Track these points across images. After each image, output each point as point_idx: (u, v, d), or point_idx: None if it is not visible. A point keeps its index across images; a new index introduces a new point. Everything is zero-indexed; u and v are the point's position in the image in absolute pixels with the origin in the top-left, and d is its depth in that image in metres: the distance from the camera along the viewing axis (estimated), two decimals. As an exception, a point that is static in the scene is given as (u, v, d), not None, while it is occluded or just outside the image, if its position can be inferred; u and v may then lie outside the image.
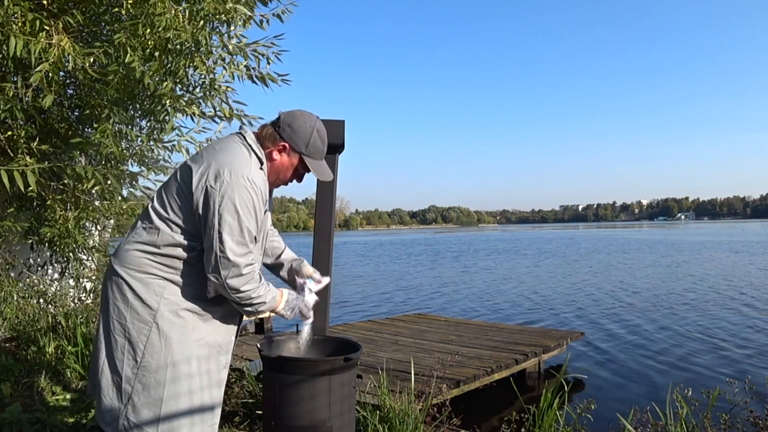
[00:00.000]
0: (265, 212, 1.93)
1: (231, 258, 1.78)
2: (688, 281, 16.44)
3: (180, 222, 1.84)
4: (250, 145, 1.90)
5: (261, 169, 1.90)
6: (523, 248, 39.28)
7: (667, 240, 47.00)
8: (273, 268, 2.28)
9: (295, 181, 2.05)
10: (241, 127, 2.05)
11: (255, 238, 1.88)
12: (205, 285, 1.88)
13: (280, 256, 2.28)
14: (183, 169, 1.90)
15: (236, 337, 2.06)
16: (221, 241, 1.77)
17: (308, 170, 2.01)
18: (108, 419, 1.85)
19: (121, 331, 1.84)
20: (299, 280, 2.18)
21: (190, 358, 1.85)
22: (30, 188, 3.81)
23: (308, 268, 2.25)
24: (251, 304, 1.89)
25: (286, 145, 1.93)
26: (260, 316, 2.02)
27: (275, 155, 1.94)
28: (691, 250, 31.16)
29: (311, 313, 2.15)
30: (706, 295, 13.57)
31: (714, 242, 40.34)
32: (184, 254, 1.85)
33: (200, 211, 1.80)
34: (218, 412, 1.97)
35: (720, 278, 16.97)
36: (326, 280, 2.27)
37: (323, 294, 2.42)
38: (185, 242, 1.84)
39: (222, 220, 1.77)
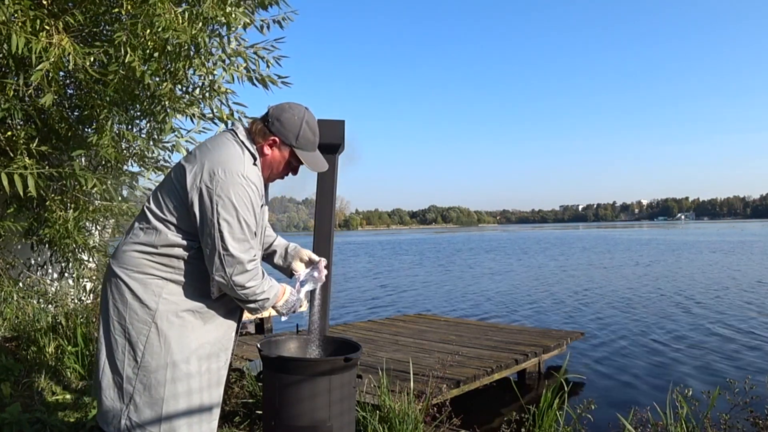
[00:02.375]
0: (261, 207, 1.93)
1: (235, 254, 1.78)
2: (684, 280, 16.45)
3: (176, 222, 1.84)
4: (242, 142, 1.89)
5: (255, 164, 1.89)
6: (521, 248, 39.49)
7: (658, 240, 47.34)
8: (265, 258, 2.27)
9: (290, 174, 2.04)
10: (232, 124, 2.04)
11: (255, 234, 1.87)
12: (204, 284, 1.88)
13: (272, 244, 2.27)
14: (177, 168, 1.89)
15: (236, 335, 2.06)
16: (222, 240, 1.77)
17: (301, 162, 1.99)
18: (109, 419, 1.85)
19: (121, 331, 1.84)
20: (297, 274, 2.19)
21: (190, 357, 1.86)
22: (29, 191, 3.81)
23: (304, 253, 2.24)
24: (256, 301, 1.89)
25: (276, 139, 1.92)
26: (262, 314, 2.02)
27: (266, 150, 1.93)
28: (685, 250, 31.30)
29: (303, 303, 2.16)
30: (704, 294, 13.57)
31: (711, 242, 40.57)
32: (182, 253, 1.85)
33: (197, 211, 1.79)
34: (218, 410, 1.97)
35: (716, 279, 16.98)
36: (324, 261, 2.25)
37: (323, 294, 2.41)
38: (183, 242, 1.84)
39: (221, 219, 1.76)
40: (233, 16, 4.22)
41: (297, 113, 1.94)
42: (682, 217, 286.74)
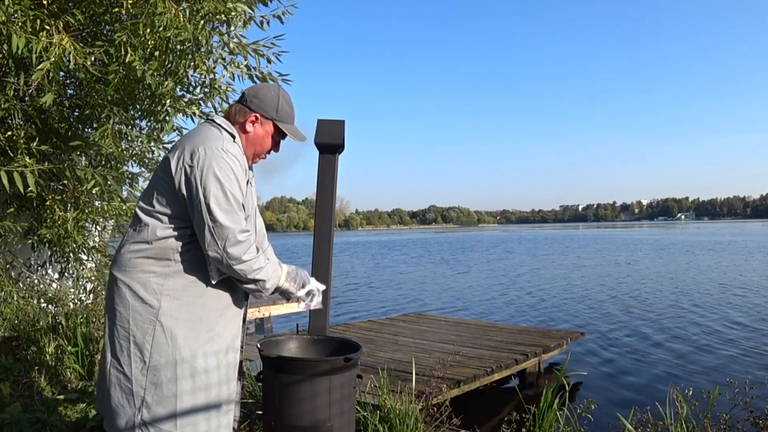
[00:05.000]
0: (247, 182, 1.95)
1: (224, 224, 1.79)
2: (683, 279, 16.47)
3: (166, 210, 1.85)
4: (219, 125, 1.96)
5: (234, 142, 1.94)
6: (511, 247, 39.96)
7: (650, 240, 47.83)
8: None
9: (273, 151, 2.10)
10: (209, 114, 2.09)
11: (243, 207, 1.89)
12: (204, 273, 1.88)
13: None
14: (162, 162, 1.95)
15: (244, 325, 2.06)
16: (210, 212, 1.78)
17: (284, 136, 2.06)
18: (122, 425, 1.84)
19: (126, 335, 1.84)
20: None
21: (198, 352, 1.86)
22: (29, 189, 3.81)
23: None
24: (255, 279, 1.88)
25: (257, 115, 1.99)
26: (265, 294, 2.00)
27: (248, 127, 1.99)
28: (672, 250, 31.63)
29: (312, 280, 2.16)
30: (703, 293, 13.58)
31: (697, 242, 41.05)
32: (176, 244, 1.85)
33: (184, 192, 1.82)
34: (232, 405, 1.97)
35: (714, 279, 16.99)
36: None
37: (323, 294, 2.41)
38: (175, 231, 1.85)
39: (207, 192, 1.79)
40: (233, 13, 4.22)
41: (272, 89, 2.04)
42: (682, 217, 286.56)
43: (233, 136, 1.94)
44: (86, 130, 4.77)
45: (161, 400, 1.81)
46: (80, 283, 5.23)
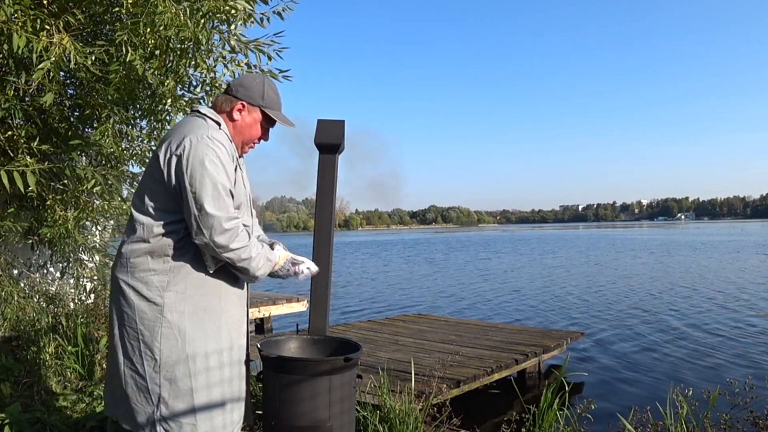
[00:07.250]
0: (236, 170, 1.94)
1: (209, 211, 1.79)
2: (682, 279, 16.47)
3: (160, 206, 1.86)
4: (204, 114, 1.96)
5: (220, 129, 1.94)
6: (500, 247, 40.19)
7: (642, 240, 48.20)
8: None
9: (262, 140, 2.11)
10: (194, 105, 2.10)
11: (231, 193, 1.88)
12: (203, 266, 1.89)
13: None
14: (151, 158, 1.97)
15: (247, 319, 2.07)
16: (196, 200, 1.79)
17: (272, 123, 2.08)
18: (143, 421, 1.86)
19: (134, 335, 1.86)
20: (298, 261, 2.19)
21: (209, 346, 1.87)
22: (30, 189, 3.81)
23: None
24: (245, 268, 1.89)
25: (244, 102, 2.01)
26: (256, 281, 2.02)
27: (236, 115, 2.01)
28: (682, 250, 31.68)
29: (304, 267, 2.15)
30: (702, 294, 13.57)
31: (708, 242, 41.10)
32: (173, 238, 1.86)
33: (173, 182, 1.83)
34: (242, 402, 1.99)
35: (717, 278, 16.99)
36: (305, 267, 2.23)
37: (323, 294, 2.41)
38: (170, 226, 1.86)
39: (193, 180, 1.80)
40: (233, 11, 4.21)
41: (256, 77, 2.06)
42: (682, 217, 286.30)
43: (219, 123, 1.95)
44: (86, 129, 4.76)
45: (178, 395, 1.83)
46: (81, 282, 5.22)
